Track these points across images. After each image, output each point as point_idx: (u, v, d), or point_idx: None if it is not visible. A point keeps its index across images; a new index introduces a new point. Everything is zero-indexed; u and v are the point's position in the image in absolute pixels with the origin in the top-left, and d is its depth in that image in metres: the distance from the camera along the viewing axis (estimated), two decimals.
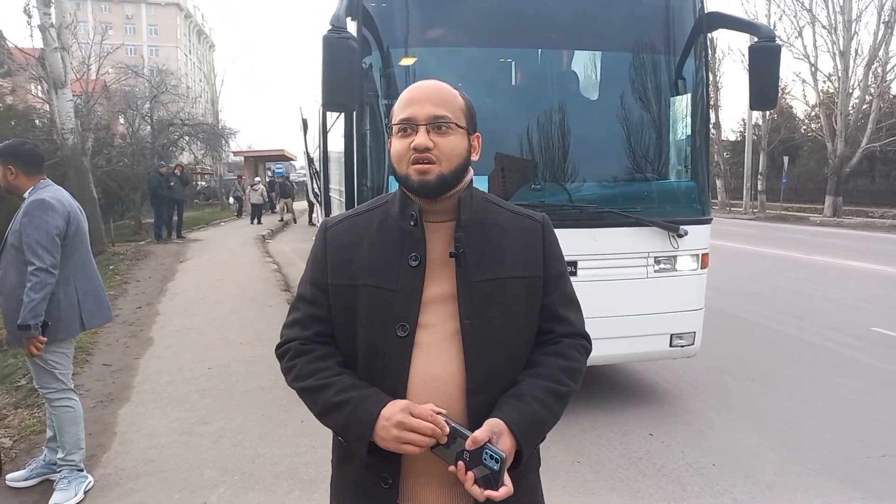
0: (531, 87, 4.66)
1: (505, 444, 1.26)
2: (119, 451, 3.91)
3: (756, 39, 4.22)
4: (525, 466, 1.37)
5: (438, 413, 1.26)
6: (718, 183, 30.29)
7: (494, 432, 1.26)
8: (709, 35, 4.72)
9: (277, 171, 34.67)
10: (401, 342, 1.32)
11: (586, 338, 1.50)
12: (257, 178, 25.56)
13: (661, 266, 4.39)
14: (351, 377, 1.36)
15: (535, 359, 1.42)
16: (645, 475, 3.70)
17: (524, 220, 1.47)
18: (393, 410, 1.26)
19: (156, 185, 15.36)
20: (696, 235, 4.41)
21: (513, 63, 4.67)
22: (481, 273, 1.35)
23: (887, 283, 9.98)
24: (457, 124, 1.34)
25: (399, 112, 1.35)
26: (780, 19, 34.26)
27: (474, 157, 1.41)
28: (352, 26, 3.90)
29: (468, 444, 1.23)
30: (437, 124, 1.32)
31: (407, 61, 4.30)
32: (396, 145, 1.35)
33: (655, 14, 4.49)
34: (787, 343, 6.53)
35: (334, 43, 3.49)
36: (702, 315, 4.59)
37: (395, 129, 1.35)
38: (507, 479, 1.24)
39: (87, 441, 3.88)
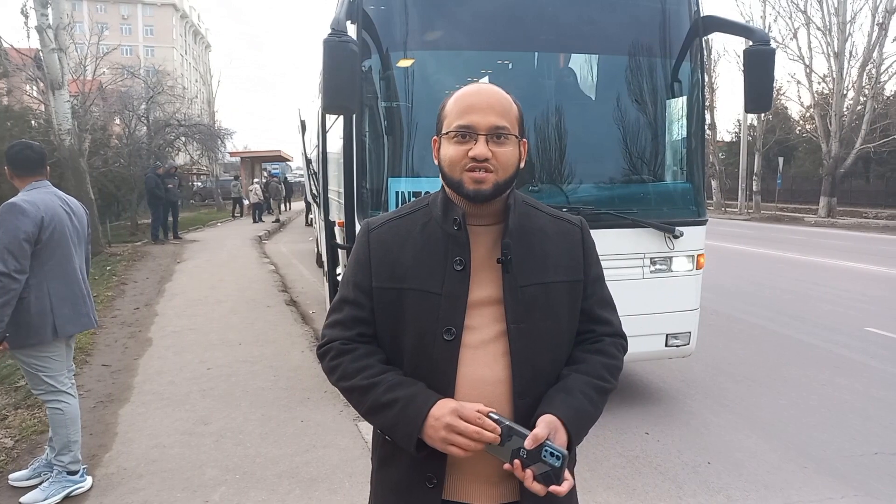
0: (529, 89, 4.69)
1: (562, 440, 1.29)
2: (121, 450, 3.94)
3: (751, 43, 4.27)
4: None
5: (489, 413, 1.27)
6: (714, 183, 30.40)
7: (552, 429, 1.28)
8: (704, 38, 4.77)
9: (274, 171, 34.65)
10: (448, 346, 1.33)
11: (624, 338, 1.53)
12: (256, 180, 25.61)
13: (658, 267, 4.44)
14: (396, 374, 1.37)
15: (578, 356, 1.44)
16: (641, 473, 3.75)
17: (563, 223, 1.49)
18: (443, 411, 1.27)
19: (153, 186, 15.36)
20: (692, 236, 4.46)
21: (510, 65, 4.72)
22: (526, 278, 1.37)
23: (881, 283, 10.06)
24: (514, 135, 1.35)
25: (457, 117, 1.34)
26: (775, 21, 34.51)
27: (522, 164, 1.42)
28: (352, 30, 3.94)
29: (528, 444, 1.24)
30: (497, 134, 1.32)
31: (406, 64, 4.34)
32: (451, 150, 1.34)
33: (652, 18, 4.54)
34: (783, 343, 6.59)
35: (335, 46, 3.53)
36: (697, 315, 4.64)
37: (451, 133, 1.34)
38: (566, 472, 1.26)
39: (89, 441, 3.94)
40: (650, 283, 4.43)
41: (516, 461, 1.25)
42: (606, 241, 4.33)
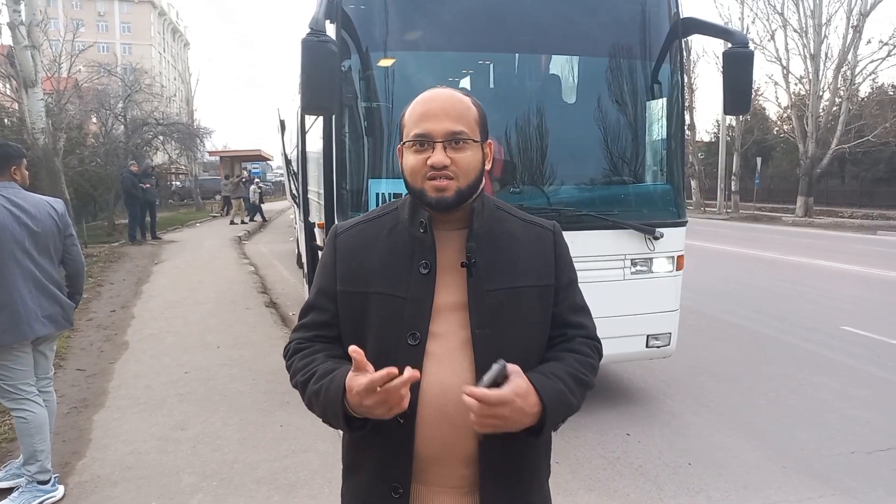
0: (510, 90, 4.69)
1: (532, 402, 1.23)
2: (95, 457, 3.86)
3: (730, 45, 4.29)
4: (538, 473, 1.42)
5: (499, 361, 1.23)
6: (693, 183, 30.69)
7: (519, 393, 1.21)
8: (684, 39, 4.79)
9: (254, 171, 34.39)
10: (412, 350, 1.31)
11: (598, 341, 1.50)
12: (257, 181, 25.41)
13: (638, 268, 4.45)
14: (333, 363, 1.33)
15: (551, 355, 1.41)
16: (622, 475, 3.75)
17: (535, 228, 1.46)
18: (353, 379, 1.20)
19: (130, 186, 15.14)
20: (672, 237, 4.47)
21: (491, 66, 4.70)
22: (493, 282, 1.34)
23: (857, 282, 10.21)
24: (473, 139, 1.32)
25: (413, 126, 1.32)
26: (752, 22, 34.85)
27: (487, 166, 1.39)
28: (331, 29, 3.89)
29: (494, 368, 1.20)
30: (454, 140, 1.30)
31: (386, 64, 4.30)
32: (411, 160, 1.32)
33: (632, 19, 4.54)
34: (762, 342, 6.65)
35: (313, 46, 3.48)
36: (677, 316, 4.66)
37: (409, 143, 1.32)
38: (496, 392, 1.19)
39: (62, 448, 3.85)
40: (630, 285, 4.44)
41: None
42: (587, 243, 4.35)
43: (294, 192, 7.95)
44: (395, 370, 1.16)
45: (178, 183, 37.25)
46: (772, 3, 25.07)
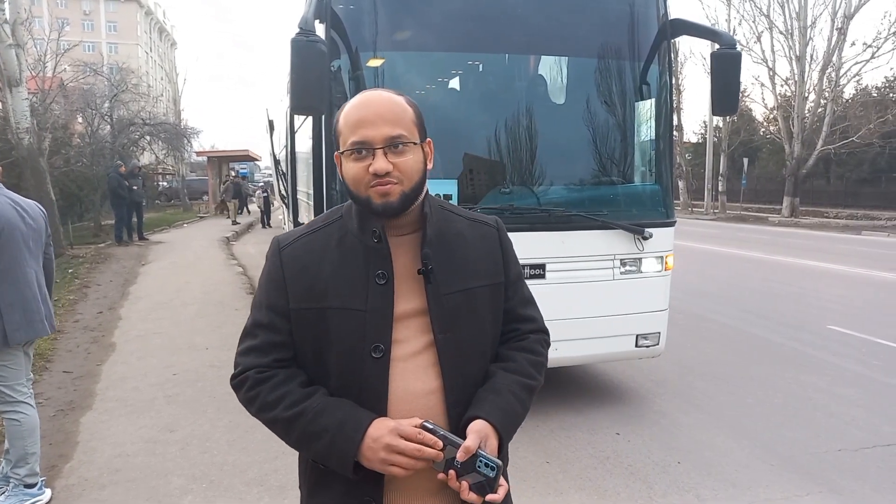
0: (499, 91, 4.69)
1: (493, 446, 1.27)
2: (82, 460, 3.82)
3: (718, 46, 4.32)
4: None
5: (423, 423, 1.23)
6: (680, 184, 30.87)
7: (482, 437, 1.24)
8: (672, 40, 4.82)
9: (241, 171, 34.18)
10: (377, 363, 1.29)
11: (547, 333, 1.53)
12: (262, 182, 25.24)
13: (627, 268, 4.47)
14: (320, 397, 1.30)
15: (504, 353, 1.43)
16: (612, 474, 3.76)
17: (480, 226, 1.46)
18: (380, 432, 1.22)
19: (116, 186, 15.01)
20: (661, 238, 4.50)
21: (480, 67, 4.71)
22: (449, 285, 1.34)
23: (842, 281, 10.31)
24: (412, 142, 1.29)
25: (350, 133, 1.27)
26: (739, 24, 35.21)
27: (430, 165, 1.36)
28: (320, 29, 3.88)
29: (459, 455, 1.21)
30: (394, 144, 1.26)
31: (375, 64, 4.29)
32: (352, 169, 1.28)
33: (621, 21, 4.56)
34: (750, 342, 6.71)
35: (303, 46, 3.47)
36: (666, 316, 4.69)
37: (347, 151, 1.28)
38: (500, 479, 1.24)
39: (49, 451, 3.81)
40: (620, 285, 4.46)
41: (451, 471, 1.21)
42: (577, 243, 4.37)
43: (283, 192, 7.91)
44: (439, 442, 1.21)
45: (164, 183, 36.99)
46: (758, 6, 25.33)
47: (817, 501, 3.48)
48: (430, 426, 1.23)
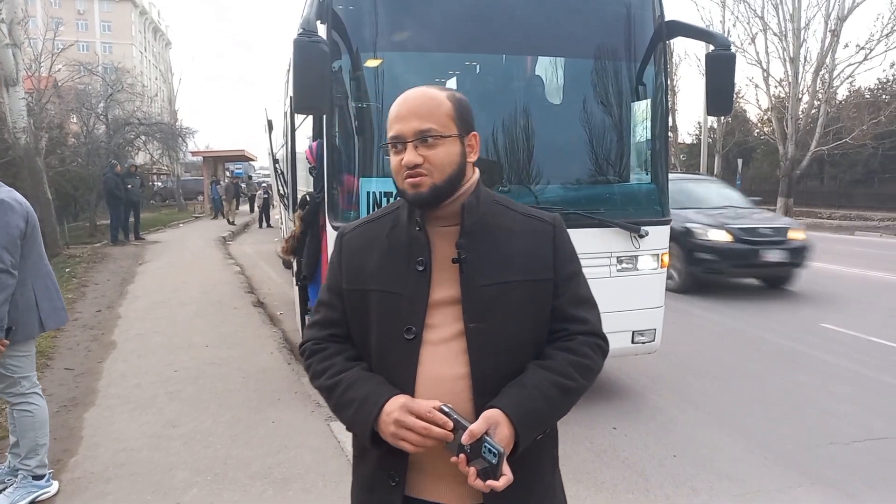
0: (498, 91, 4.75)
1: (503, 434, 1.27)
2: (87, 455, 3.87)
3: (712, 48, 4.40)
4: (535, 467, 1.41)
5: (441, 406, 1.27)
6: None
7: (491, 423, 1.26)
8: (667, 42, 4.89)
9: (237, 171, 34.17)
10: (408, 344, 1.36)
11: (602, 337, 1.49)
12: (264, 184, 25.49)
13: (624, 265, 4.54)
14: (358, 371, 1.40)
15: (546, 352, 1.42)
16: (610, 467, 3.83)
17: (534, 222, 1.47)
18: (393, 406, 1.29)
19: (112, 187, 14.99)
20: (657, 236, 4.56)
21: (479, 67, 4.77)
22: (486, 277, 1.37)
23: (836, 280, 10.42)
24: (442, 135, 1.34)
25: (389, 129, 1.37)
26: (734, 25, 35.28)
27: (472, 158, 1.42)
28: (321, 30, 3.93)
29: (464, 439, 1.23)
30: (423, 138, 1.33)
31: (376, 64, 4.35)
32: (392, 162, 1.38)
33: (617, 23, 4.63)
34: (745, 340, 6.79)
35: (305, 46, 3.53)
36: (662, 312, 4.75)
37: (387, 145, 1.38)
38: (506, 468, 1.24)
39: (53, 446, 3.84)
40: (617, 282, 4.52)
41: (462, 455, 1.24)
42: (574, 241, 4.40)
43: (282, 191, 7.95)
44: (449, 423, 1.25)
45: (159, 183, 36.93)
46: (752, 7, 25.44)
47: (809, 493, 3.56)
48: (446, 409, 1.27)
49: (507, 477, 1.24)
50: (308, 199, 5.08)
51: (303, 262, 5.04)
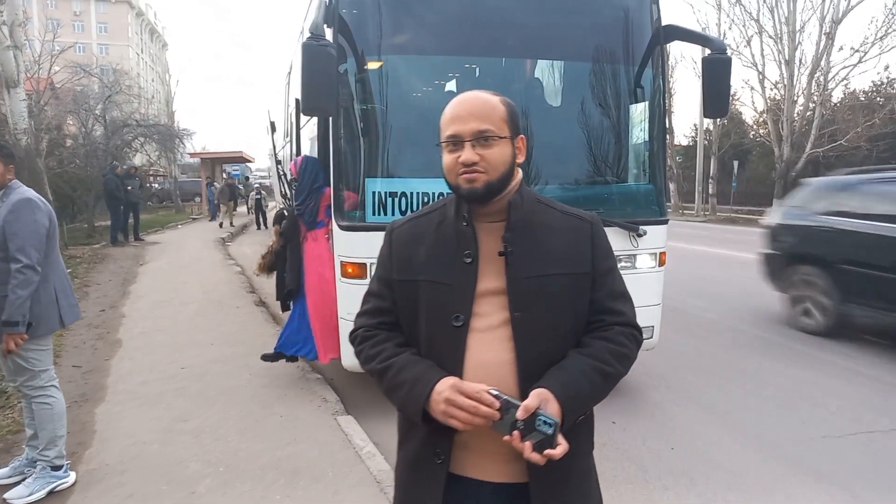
0: (499, 93, 4.85)
1: (553, 409, 1.36)
2: (100, 448, 3.96)
3: (709, 51, 4.51)
4: (575, 448, 1.42)
5: (489, 389, 1.35)
6: (672, 186, 31.11)
7: (542, 399, 1.35)
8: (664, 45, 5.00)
9: (234, 173, 34.19)
10: (456, 331, 1.46)
11: (637, 329, 1.56)
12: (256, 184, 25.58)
13: (622, 264, 4.64)
14: (408, 356, 1.50)
15: (584, 341, 1.51)
16: (609, 459, 3.94)
17: (573, 219, 1.57)
18: (443, 386, 1.38)
19: (113, 188, 15.04)
20: (655, 235, 4.68)
21: (479, 70, 4.87)
22: (528, 270, 1.47)
23: None
24: (499, 136, 1.45)
25: (445, 128, 1.46)
26: (729, 28, 35.31)
27: (520, 159, 1.52)
28: (328, 33, 4.04)
29: (520, 414, 1.31)
30: (481, 138, 1.43)
31: (380, 66, 4.45)
32: (447, 159, 1.47)
33: (616, 27, 4.75)
34: (741, 338, 6.91)
35: (314, 50, 3.65)
36: (660, 310, 4.87)
37: (443, 143, 1.47)
38: (560, 438, 1.33)
39: (68, 439, 3.91)
40: None
41: (515, 432, 1.32)
42: None
43: (284, 191, 8.03)
44: (496, 402, 1.34)
45: (157, 185, 36.93)
46: (748, 10, 25.65)
47: (803, 483, 3.68)
48: (495, 392, 1.36)
49: (563, 446, 1.34)
50: (286, 213, 5.20)
51: (285, 276, 5.11)
